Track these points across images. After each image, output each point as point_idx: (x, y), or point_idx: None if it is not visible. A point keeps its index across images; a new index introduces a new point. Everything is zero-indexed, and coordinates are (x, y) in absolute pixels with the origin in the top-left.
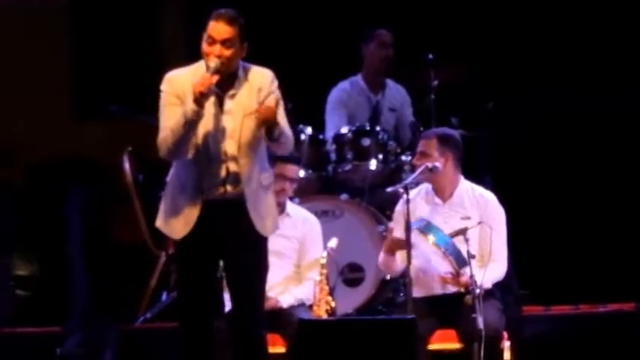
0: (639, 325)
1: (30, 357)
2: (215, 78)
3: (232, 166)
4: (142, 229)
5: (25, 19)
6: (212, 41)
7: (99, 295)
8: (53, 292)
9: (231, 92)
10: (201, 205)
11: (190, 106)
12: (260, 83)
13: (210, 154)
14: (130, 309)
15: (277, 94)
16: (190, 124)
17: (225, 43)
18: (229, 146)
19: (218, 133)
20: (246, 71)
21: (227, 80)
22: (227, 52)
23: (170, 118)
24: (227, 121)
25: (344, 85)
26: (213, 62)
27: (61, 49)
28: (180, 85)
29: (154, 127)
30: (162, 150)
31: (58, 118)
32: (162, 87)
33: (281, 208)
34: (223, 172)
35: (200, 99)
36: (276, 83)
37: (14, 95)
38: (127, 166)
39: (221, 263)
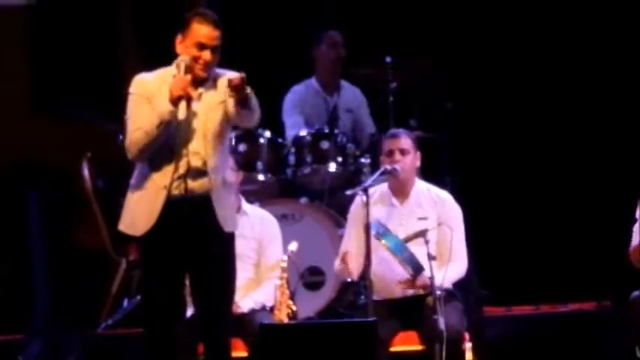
0: (599, 325)
1: None
2: (189, 77)
3: (194, 161)
4: (102, 235)
5: None
6: (202, 47)
7: (61, 301)
8: (14, 299)
9: (198, 91)
10: (164, 200)
11: (165, 107)
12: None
13: (173, 149)
14: (92, 315)
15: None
16: (166, 124)
17: (214, 49)
18: (192, 141)
19: (182, 128)
20: (215, 74)
21: (198, 83)
22: (214, 58)
23: (141, 119)
24: (192, 118)
25: (299, 89)
26: (185, 61)
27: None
28: (149, 88)
29: (111, 132)
30: (131, 151)
31: (16, 119)
32: (132, 89)
33: (237, 207)
34: (184, 167)
35: (177, 100)
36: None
37: None
38: (86, 172)
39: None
